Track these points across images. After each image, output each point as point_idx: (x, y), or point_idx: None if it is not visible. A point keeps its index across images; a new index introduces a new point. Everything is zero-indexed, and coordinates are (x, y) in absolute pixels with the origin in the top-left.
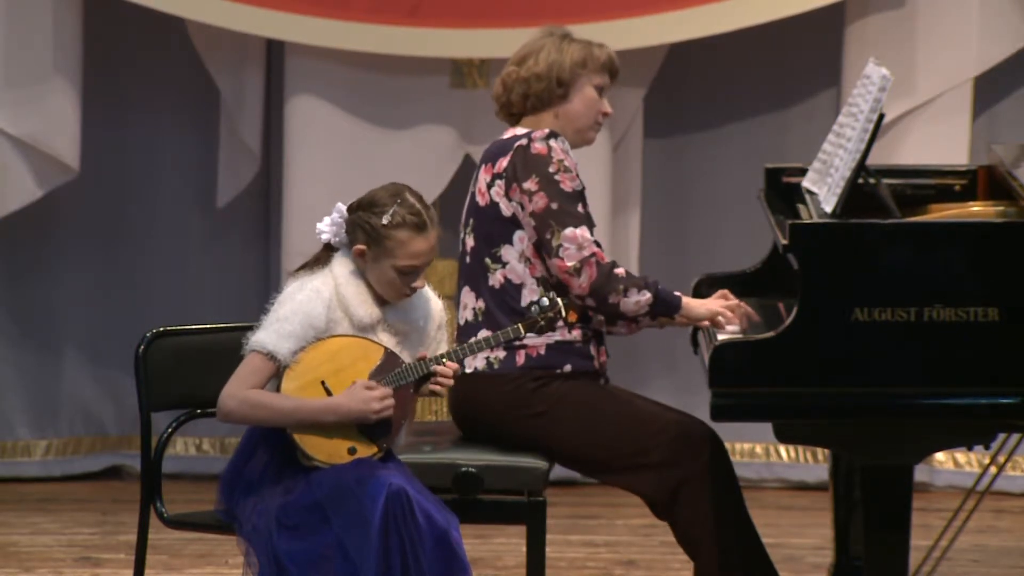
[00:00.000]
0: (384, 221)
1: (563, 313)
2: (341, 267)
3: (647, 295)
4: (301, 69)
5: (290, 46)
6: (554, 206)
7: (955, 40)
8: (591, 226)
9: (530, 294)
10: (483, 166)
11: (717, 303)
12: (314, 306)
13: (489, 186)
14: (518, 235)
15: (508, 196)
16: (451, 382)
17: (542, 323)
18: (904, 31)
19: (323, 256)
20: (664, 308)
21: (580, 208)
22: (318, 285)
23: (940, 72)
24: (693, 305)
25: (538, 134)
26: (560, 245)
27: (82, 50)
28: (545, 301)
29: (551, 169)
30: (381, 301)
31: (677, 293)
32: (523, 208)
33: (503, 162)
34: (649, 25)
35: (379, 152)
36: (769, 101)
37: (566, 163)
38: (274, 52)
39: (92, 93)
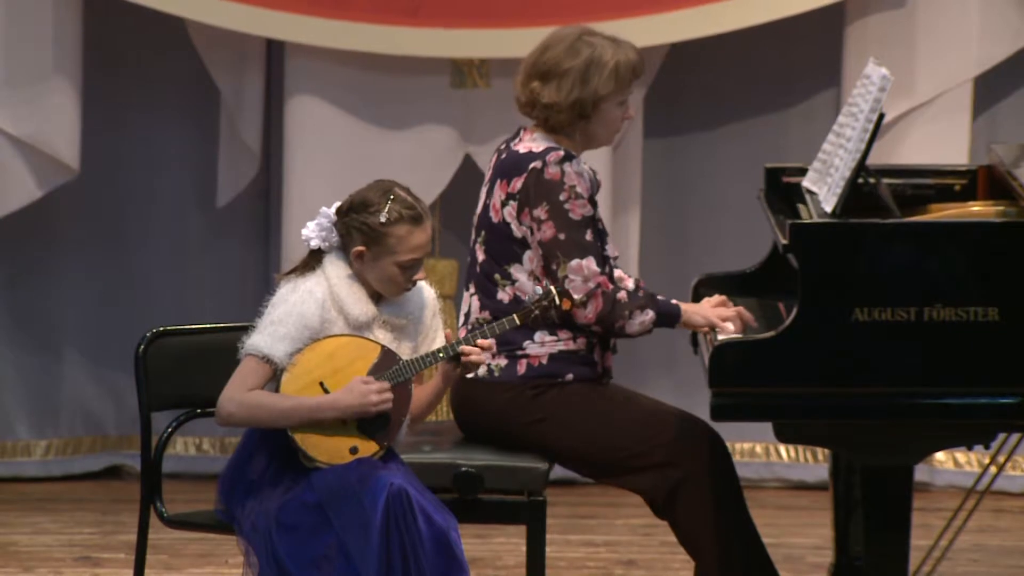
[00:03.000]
0: (382, 219)
1: (557, 302)
2: (334, 268)
3: (650, 314)
4: (301, 69)
5: (290, 46)
6: (561, 236)
7: (955, 40)
8: (597, 251)
9: None
10: (498, 181)
11: (714, 310)
12: (308, 307)
13: (503, 204)
14: (528, 255)
15: (519, 219)
16: (484, 357)
17: (536, 312)
18: (904, 31)
19: (312, 261)
20: (666, 321)
21: (588, 235)
22: (311, 286)
23: (940, 72)
24: (690, 313)
25: (552, 157)
26: (566, 276)
27: (82, 50)
28: (539, 290)
29: (562, 197)
30: (376, 298)
31: (675, 302)
32: (532, 234)
33: (517, 183)
34: (649, 25)
35: (379, 152)
36: (769, 101)
37: (578, 188)
38: (274, 52)
39: (92, 93)
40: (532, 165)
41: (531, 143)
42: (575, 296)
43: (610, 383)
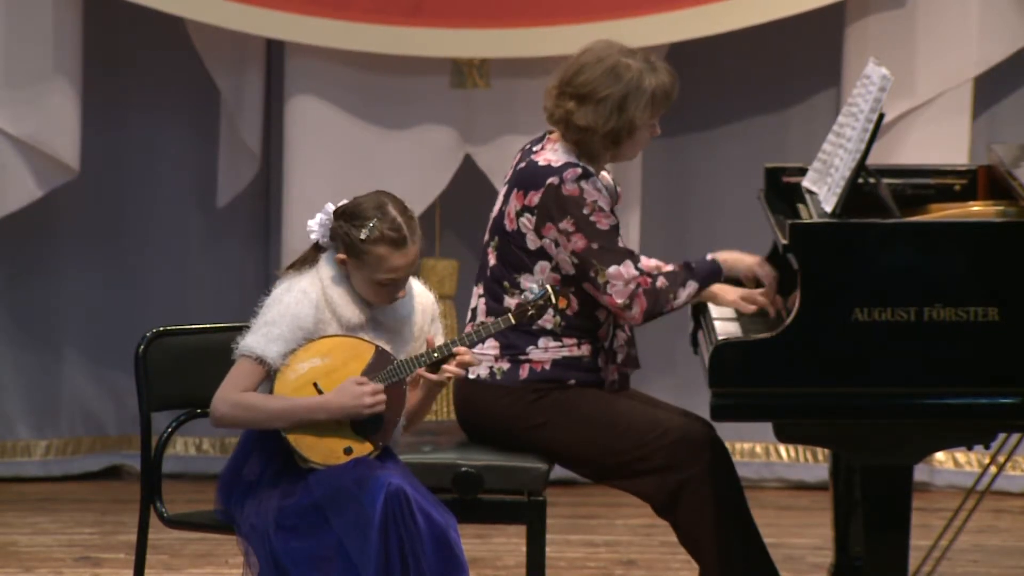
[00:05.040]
0: (363, 236)
1: (553, 300)
2: (328, 269)
3: (693, 285)
4: (301, 69)
5: (290, 46)
6: (594, 246)
7: (955, 40)
8: (632, 255)
9: (543, 320)
10: (515, 190)
11: (754, 258)
12: (302, 308)
13: (519, 215)
14: (540, 266)
15: (539, 232)
16: (461, 372)
17: (532, 311)
18: (904, 31)
19: (311, 255)
20: (710, 280)
21: (620, 242)
22: (305, 286)
23: (940, 72)
24: (732, 261)
25: (570, 174)
26: (607, 282)
27: (82, 50)
28: (535, 288)
29: (585, 211)
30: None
31: (710, 257)
32: (558, 246)
33: (534, 197)
34: (649, 25)
35: (379, 152)
36: (769, 101)
37: (599, 203)
38: (274, 52)
39: (92, 93)
40: (549, 181)
41: (551, 155)
42: (619, 300)
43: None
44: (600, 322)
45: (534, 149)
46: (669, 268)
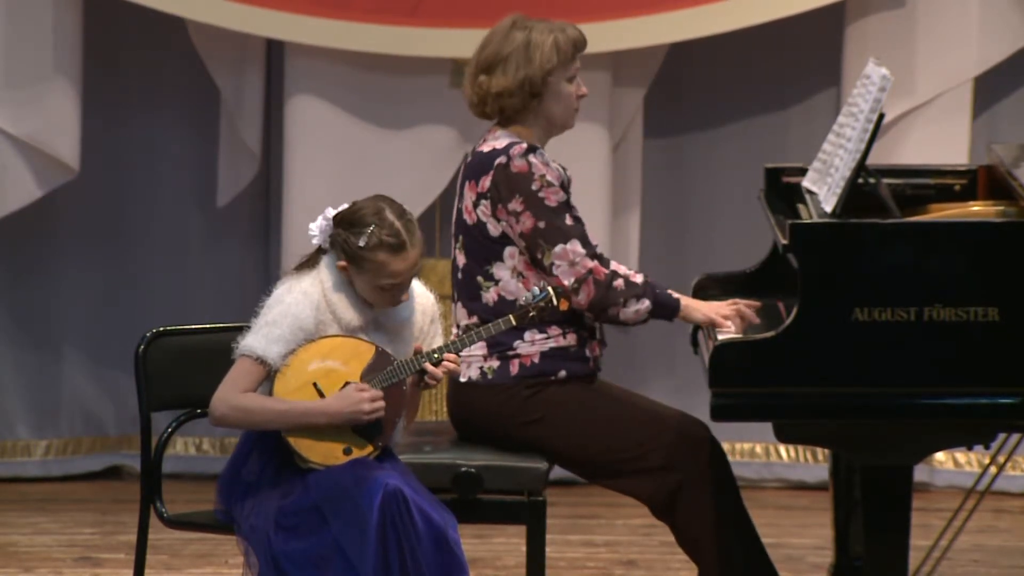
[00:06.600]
0: (361, 243)
1: (554, 302)
2: (328, 273)
3: (646, 303)
4: (301, 69)
5: (290, 46)
6: (541, 225)
7: (955, 40)
8: (581, 233)
9: None
10: (467, 182)
11: (714, 306)
12: (302, 309)
13: (475, 205)
14: (508, 251)
15: (495, 216)
16: (442, 375)
17: (533, 313)
18: (904, 31)
19: (314, 257)
20: (663, 313)
21: (567, 220)
22: (306, 287)
23: (940, 72)
24: (690, 308)
25: (516, 150)
26: (552, 263)
27: (82, 50)
28: (536, 290)
29: (534, 187)
30: (369, 302)
31: (676, 296)
32: (511, 228)
33: (486, 181)
34: (649, 25)
35: (379, 152)
36: (769, 101)
37: (548, 177)
38: (274, 52)
39: (92, 93)
40: (497, 161)
41: (494, 141)
42: (565, 281)
43: (604, 381)
44: None
45: (478, 144)
46: (629, 275)
